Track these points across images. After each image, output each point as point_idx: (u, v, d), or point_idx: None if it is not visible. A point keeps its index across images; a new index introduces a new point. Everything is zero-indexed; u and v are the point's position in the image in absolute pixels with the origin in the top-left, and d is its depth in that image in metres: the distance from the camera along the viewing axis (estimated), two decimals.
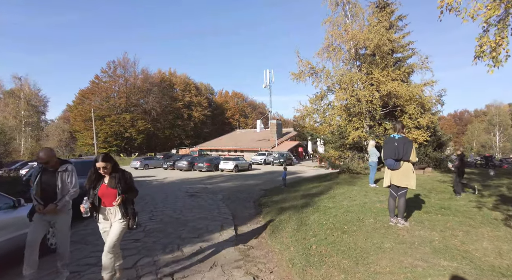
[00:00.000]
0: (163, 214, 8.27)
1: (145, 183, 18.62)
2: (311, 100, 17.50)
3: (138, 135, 50.63)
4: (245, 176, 22.55)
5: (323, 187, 11.43)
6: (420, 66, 15.43)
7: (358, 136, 14.88)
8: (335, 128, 15.61)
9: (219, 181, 19.15)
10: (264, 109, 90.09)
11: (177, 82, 63.29)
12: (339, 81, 15.67)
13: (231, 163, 25.85)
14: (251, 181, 18.90)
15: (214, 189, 14.91)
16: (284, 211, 7.74)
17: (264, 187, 15.73)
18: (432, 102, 14.86)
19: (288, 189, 12.16)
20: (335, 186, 11.22)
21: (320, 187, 11.49)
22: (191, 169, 27.76)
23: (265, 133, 51.10)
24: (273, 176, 22.25)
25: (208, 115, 66.44)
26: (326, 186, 11.48)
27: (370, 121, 15.17)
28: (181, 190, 14.35)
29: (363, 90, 14.34)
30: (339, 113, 15.46)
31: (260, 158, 36.34)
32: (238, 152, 44.36)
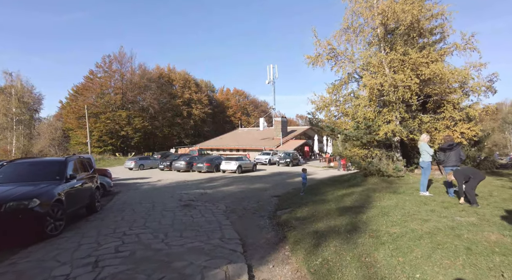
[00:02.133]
0: (137, 242, 5.54)
1: (134, 187, 15.92)
2: (329, 90, 14.74)
3: (135, 134, 47.99)
4: (250, 178, 19.85)
5: (357, 195, 8.69)
6: (463, 46, 12.66)
7: (392, 131, 12.11)
8: (361, 122, 12.94)
9: (220, 184, 16.44)
10: (266, 107, 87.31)
11: (176, 78, 60.60)
12: (366, 65, 12.89)
13: (234, 163, 23.15)
14: (258, 185, 16.19)
15: (215, 195, 12.20)
16: (323, 239, 5.01)
17: (274, 192, 13.04)
18: (482, 89, 12.11)
19: (311, 198, 9.42)
20: (374, 195, 8.49)
21: (354, 195, 8.76)
22: (190, 169, 25.09)
23: (268, 131, 48.37)
24: (281, 178, 19.55)
25: (209, 113, 63.73)
26: (361, 194, 8.75)
27: (405, 113, 12.43)
28: (174, 196, 11.64)
29: (398, 73, 11.58)
30: (366, 103, 12.72)
31: (264, 158, 33.65)
32: (241, 152, 41.67)
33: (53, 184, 6.46)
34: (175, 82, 60.49)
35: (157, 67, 61.31)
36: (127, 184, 17.31)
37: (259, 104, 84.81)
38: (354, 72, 14.40)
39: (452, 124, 11.92)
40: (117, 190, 14.43)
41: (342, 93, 14.97)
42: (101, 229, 6.52)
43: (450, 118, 11.90)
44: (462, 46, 12.75)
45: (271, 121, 63.58)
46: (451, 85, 12.24)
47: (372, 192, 8.97)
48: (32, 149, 46.39)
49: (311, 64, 14.79)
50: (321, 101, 15.16)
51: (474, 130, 11.64)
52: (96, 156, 43.14)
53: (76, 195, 7.45)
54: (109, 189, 13.14)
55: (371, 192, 9.00)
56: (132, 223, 7.09)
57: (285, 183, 16.83)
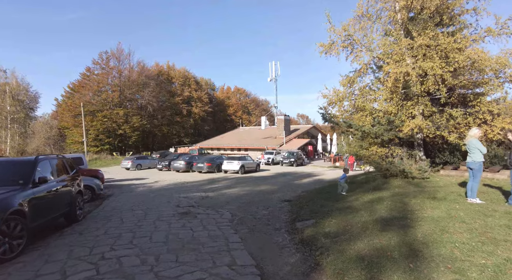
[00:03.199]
0: (117, 271, 4.08)
1: (128, 189, 14.47)
2: (344, 82, 13.32)
3: (133, 132, 46.50)
4: (254, 179, 18.41)
5: (389, 202, 7.24)
6: (498, 31, 11.22)
7: (419, 127, 10.65)
8: (381, 117, 11.50)
9: (223, 186, 14.99)
10: (267, 106, 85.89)
11: (176, 75, 59.06)
12: (386, 54, 11.42)
13: (236, 163, 21.71)
14: (264, 187, 14.75)
15: (217, 200, 10.76)
16: (376, 270, 3.55)
17: (283, 196, 11.62)
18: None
19: (333, 205, 7.96)
20: (410, 201, 7.04)
21: (385, 201, 7.31)
22: (190, 170, 23.66)
23: (271, 130, 46.95)
24: (288, 180, 18.11)
25: (209, 112, 62.22)
26: (393, 201, 7.30)
27: (431, 107, 10.97)
28: (170, 202, 10.19)
29: (426, 61, 10.11)
30: (387, 96, 11.28)
31: (267, 157, 32.22)
32: (242, 151, 40.24)
33: (12, 190, 5.01)
34: (175, 80, 58.98)
35: (156, 64, 59.95)
36: (121, 186, 15.85)
37: (260, 103, 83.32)
38: (371, 62, 12.97)
39: (490, 119, 10.44)
40: (109, 193, 12.99)
41: (357, 86, 13.56)
42: (74, 248, 5.07)
43: (487, 112, 10.42)
44: (496, 32, 11.31)
45: (273, 120, 62.15)
46: (485, 75, 10.79)
47: (405, 198, 7.52)
48: (26, 148, 44.94)
49: (324, 53, 13.36)
50: (334, 94, 13.73)
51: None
52: (92, 155, 41.74)
53: (48, 203, 6.01)
54: (99, 193, 11.68)
55: (405, 198, 7.56)
56: (116, 238, 5.63)
57: (293, 185, 15.40)
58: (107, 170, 28.36)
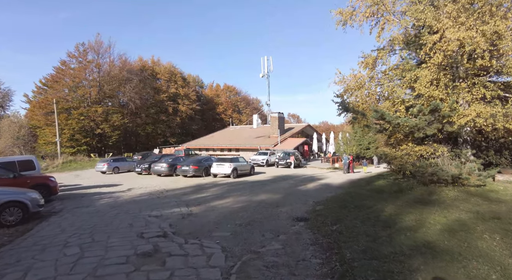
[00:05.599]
0: None
1: (88, 201, 11.08)
2: (368, 60, 10.33)
3: (113, 132, 42.49)
4: (250, 185, 15.24)
5: (499, 236, 4.23)
6: None
7: (485, 117, 7.73)
8: (423, 104, 8.62)
9: (211, 195, 11.76)
10: (258, 105, 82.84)
11: (161, 71, 55.12)
12: (433, 19, 8.44)
13: (228, 165, 18.48)
14: (263, 195, 11.61)
15: (204, 219, 7.56)
16: None
17: (294, 211, 8.61)
18: None
19: (398, 237, 4.86)
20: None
21: (491, 235, 4.29)
22: (173, 173, 20.29)
23: (263, 129, 43.85)
24: (289, 185, 15.02)
25: (197, 110, 58.49)
26: (504, 233, 4.30)
27: (492, 90, 8.11)
28: (133, 226, 6.93)
29: (496, 21, 7.21)
30: (434, 75, 8.37)
31: (261, 158, 29.09)
32: (233, 151, 37.01)
33: None
34: (160, 76, 55.05)
35: (140, 59, 55.80)
36: (83, 196, 12.43)
37: (251, 101, 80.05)
38: (402, 36, 10.04)
39: None
40: (56, 209, 9.61)
41: (381, 68, 10.66)
42: None
43: None
44: None
45: (265, 119, 59.12)
46: None
47: (479, 222, 4.56)
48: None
49: (342, 24, 10.37)
50: (354, 79, 10.77)
51: None
52: (67, 157, 37.60)
53: None
54: (36, 210, 8.30)
55: (508, 225, 4.59)
56: None
57: (299, 193, 12.35)
58: (79, 174, 24.62)
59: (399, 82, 9.92)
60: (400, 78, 9.82)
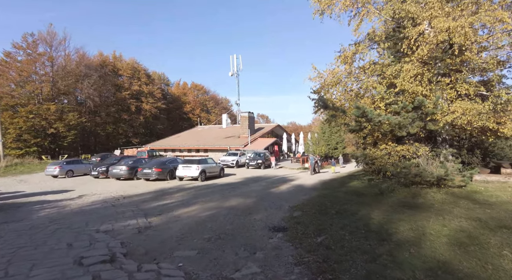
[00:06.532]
0: None
1: (25, 212, 9.25)
2: (348, 54, 9.65)
3: (68, 132, 38.79)
4: (220, 188, 14.07)
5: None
6: None
7: (472, 114, 7.30)
8: (406, 100, 8.09)
9: (176, 202, 10.42)
10: (227, 105, 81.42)
11: (123, 67, 51.65)
12: (416, 11, 7.91)
13: (195, 167, 17.13)
14: (235, 201, 10.53)
15: (165, 234, 6.30)
16: None
17: (269, 219, 7.68)
18: None
19: (400, 255, 4.00)
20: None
21: (470, 249, 3.58)
22: (134, 177, 18.49)
23: (233, 129, 42.69)
24: (262, 188, 14.10)
25: (162, 109, 55.70)
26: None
27: (475, 86, 7.77)
28: (73, 246, 5.50)
29: (483, 11, 6.78)
30: (418, 70, 7.84)
31: (231, 159, 27.93)
32: (201, 152, 35.45)
33: None
34: (122, 72, 51.57)
35: (100, 54, 51.81)
36: (18, 207, 10.49)
37: (220, 101, 78.36)
38: (384, 28, 9.49)
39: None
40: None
41: (361, 62, 10.07)
42: None
43: None
44: None
45: (235, 119, 57.98)
46: None
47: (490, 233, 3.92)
48: None
49: (319, 13, 9.61)
50: (331, 74, 10.07)
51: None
52: (12, 159, 33.62)
53: None
54: None
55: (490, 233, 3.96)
56: None
57: (273, 196, 11.46)
58: (25, 178, 21.77)
59: (378, 78, 9.39)
60: (380, 74, 9.29)
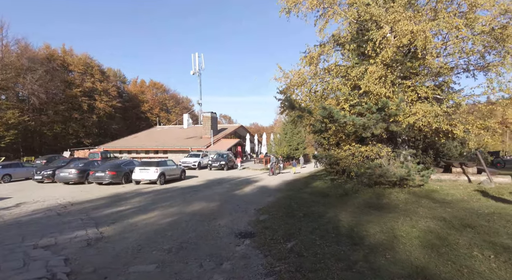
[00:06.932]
0: None
1: None
2: (313, 55, 9.63)
3: (7, 131, 34.66)
4: (181, 192, 13.34)
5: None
6: None
7: (431, 115, 7.57)
8: (371, 101, 8.20)
9: (132, 209, 9.55)
10: (189, 104, 79.36)
11: (74, 62, 47.63)
12: (379, 15, 8.07)
13: (154, 170, 16.13)
14: (197, 205, 9.96)
15: (118, 247, 5.59)
16: None
17: (234, 222, 7.39)
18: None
19: (378, 260, 3.83)
20: None
21: (442, 250, 3.59)
22: (84, 181, 16.93)
23: (195, 129, 41.52)
24: (225, 190, 13.68)
25: (118, 107, 52.37)
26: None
27: (433, 90, 8.13)
28: (0, 269, 4.61)
29: (442, 18, 7.06)
30: (382, 72, 8.00)
31: (193, 161, 27.03)
32: (161, 154, 33.90)
33: None
34: (73, 68, 47.51)
35: (46, 47, 47.16)
36: None
37: (181, 100, 76.02)
38: (349, 29, 9.59)
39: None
40: None
41: (326, 64, 10.11)
42: None
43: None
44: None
45: (196, 119, 56.58)
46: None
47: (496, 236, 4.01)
48: None
49: (285, 11, 9.46)
50: (297, 75, 9.97)
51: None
52: None
53: None
54: None
55: (487, 236, 4.04)
56: None
57: (237, 199, 11.11)
58: None
59: (343, 80, 9.49)
60: (345, 75, 9.39)
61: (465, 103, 8.48)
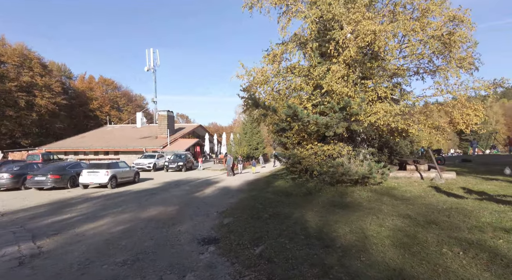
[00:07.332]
0: None
1: None
2: (276, 52, 9.47)
3: None
4: (135, 195, 12.36)
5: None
6: None
7: (392, 115, 7.80)
8: (335, 101, 8.23)
9: (78, 218, 8.48)
10: (142, 102, 75.47)
11: (8, 53, 42.19)
12: (342, 14, 8.14)
13: (104, 172, 14.78)
14: (154, 210, 9.24)
15: (59, 266, 4.78)
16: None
17: (196, 227, 6.92)
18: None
19: (353, 264, 3.66)
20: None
21: (414, 249, 3.62)
22: (21, 186, 14.97)
23: (150, 129, 39.44)
24: (184, 192, 13.06)
25: (63, 105, 47.59)
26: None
27: (390, 88, 8.42)
28: None
29: (401, 21, 7.30)
30: (344, 71, 8.06)
31: (147, 162, 25.54)
32: (112, 155, 31.58)
33: None
34: (6, 59, 41.92)
35: None
36: None
37: (134, 98, 71.85)
38: (311, 28, 9.57)
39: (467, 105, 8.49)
40: None
41: (289, 63, 10.02)
42: None
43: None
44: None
45: (151, 118, 53.87)
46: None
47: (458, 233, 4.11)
48: None
49: (248, 7, 9.17)
50: (260, 73, 9.74)
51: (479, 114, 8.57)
52: None
53: None
54: None
55: (451, 231, 4.14)
56: None
57: (197, 202, 10.60)
58: None
59: (306, 79, 9.47)
60: (307, 74, 9.38)
61: (418, 104, 8.99)
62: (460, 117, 8.18)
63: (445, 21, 7.95)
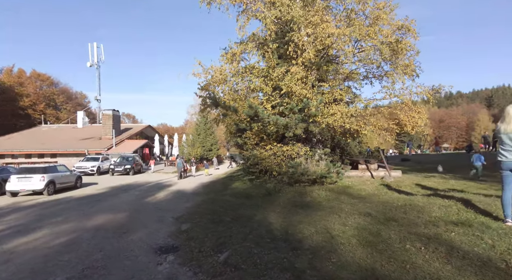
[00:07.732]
0: None
1: None
2: (235, 51, 9.26)
3: None
4: (77, 203, 11.12)
5: None
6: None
7: (347, 116, 8.07)
8: (294, 102, 8.25)
9: (5, 232, 7.26)
10: (84, 101, 69.36)
11: None
12: (301, 17, 8.22)
13: (39, 178, 13.09)
14: (102, 218, 8.39)
15: None
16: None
17: (150, 235, 6.42)
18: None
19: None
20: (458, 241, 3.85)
21: (380, 247, 3.77)
22: None
23: (93, 129, 36.28)
24: (134, 197, 12.21)
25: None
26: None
27: (349, 91, 8.75)
28: None
29: (357, 26, 7.60)
30: (303, 73, 8.15)
31: (90, 165, 23.41)
32: (48, 158, 28.35)
33: None
34: None
35: None
36: None
37: (74, 95, 65.61)
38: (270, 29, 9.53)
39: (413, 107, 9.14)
40: None
41: (248, 63, 9.86)
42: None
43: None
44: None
45: (94, 117, 49.71)
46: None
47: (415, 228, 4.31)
48: None
49: (205, 2, 8.81)
50: (218, 72, 9.43)
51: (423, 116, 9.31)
52: None
53: None
54: None
55: (409, 227, 4.35)
56: None
57: (149, 207, 9.93)
58: None
59: (265, 79, 9.42)
60: (266, 75, 9.33)
61: (369, 107, 9.53)
62: (407, 119, 8.87)
63: (394, 29, 8.55)
